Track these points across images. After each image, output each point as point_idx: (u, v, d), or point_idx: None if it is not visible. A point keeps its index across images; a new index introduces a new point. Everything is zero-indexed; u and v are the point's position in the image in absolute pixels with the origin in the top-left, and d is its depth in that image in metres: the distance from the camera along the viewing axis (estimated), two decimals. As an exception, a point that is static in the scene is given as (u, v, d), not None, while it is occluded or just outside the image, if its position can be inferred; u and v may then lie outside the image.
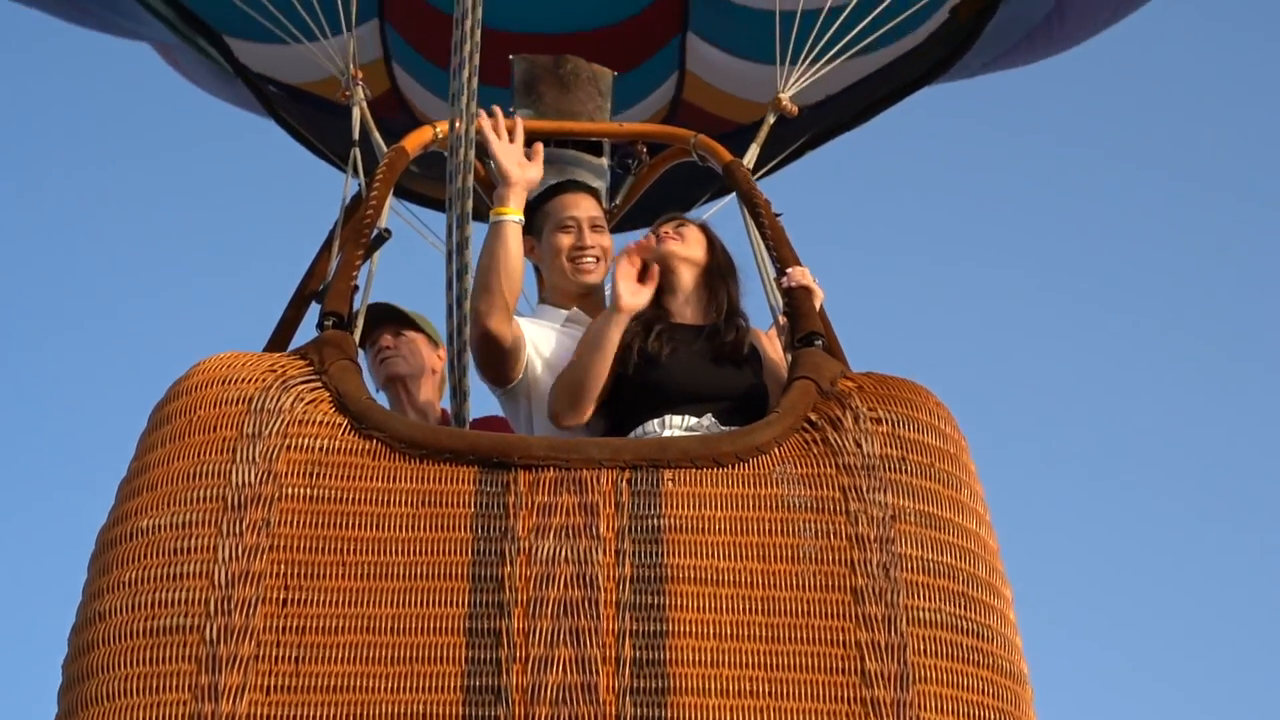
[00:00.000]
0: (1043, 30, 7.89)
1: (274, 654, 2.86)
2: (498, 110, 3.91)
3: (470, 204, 3.45)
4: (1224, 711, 12.49)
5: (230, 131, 9.09)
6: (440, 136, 4.02)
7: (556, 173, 4.13)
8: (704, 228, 3.86)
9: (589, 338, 3.61)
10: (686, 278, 3.75)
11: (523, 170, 3.83)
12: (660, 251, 3.73)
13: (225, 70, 5.91)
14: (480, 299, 3.60)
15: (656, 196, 4.59)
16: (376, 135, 4.18)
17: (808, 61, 4.31)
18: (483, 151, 3.87)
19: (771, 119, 4.36)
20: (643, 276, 3.65)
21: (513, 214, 3.75)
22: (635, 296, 3.60)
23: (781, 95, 4.34)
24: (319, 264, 3.68)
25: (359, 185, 3.79)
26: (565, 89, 4.27)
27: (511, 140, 3.88)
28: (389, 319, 4.23)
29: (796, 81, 4.31)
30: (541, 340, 3.78)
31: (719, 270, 3.76)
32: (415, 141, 4.01)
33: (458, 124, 3.39)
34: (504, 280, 3.65)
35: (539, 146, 3.94)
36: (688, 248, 3.76)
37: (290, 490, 3.03)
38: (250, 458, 3.06)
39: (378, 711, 2.82)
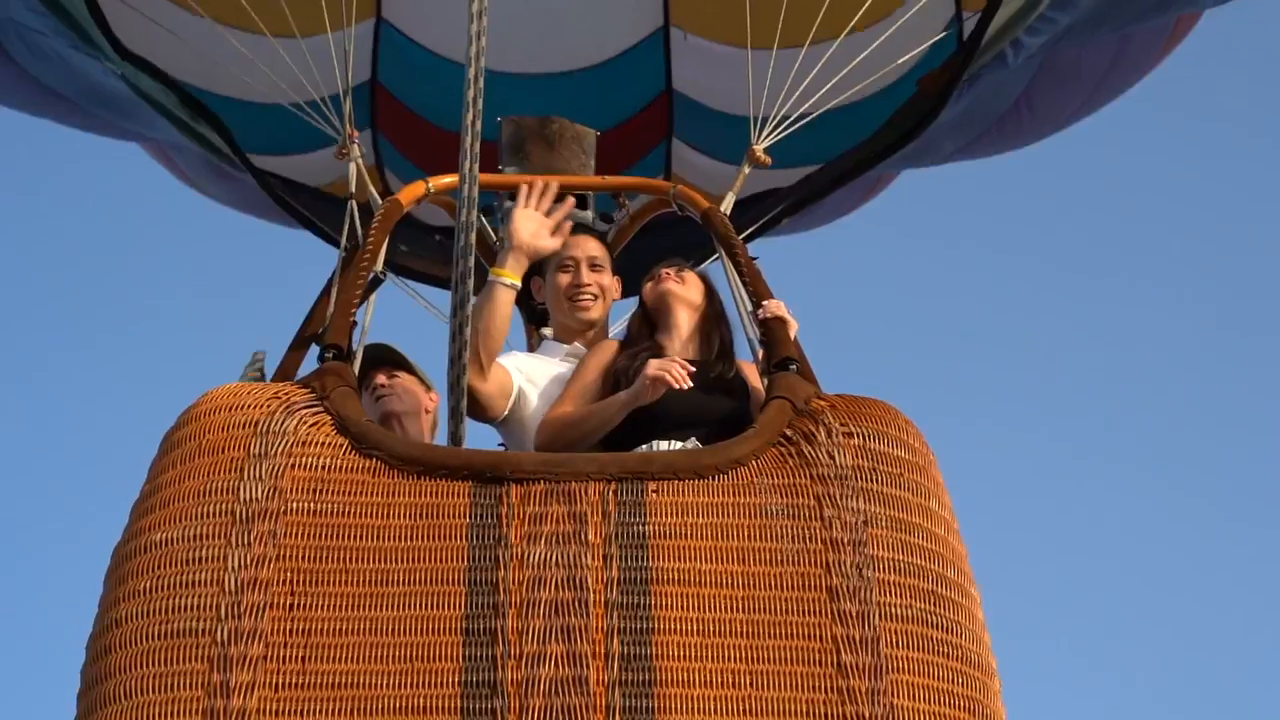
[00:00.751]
0: (1012, 116, 8.16)
1: (281, 654, 3.03)
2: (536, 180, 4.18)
3: (472, 261, 3.69)
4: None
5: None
6: (432, 191, 4.26)
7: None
8: (703, 276, 4.11)
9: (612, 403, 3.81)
10: (684, 319, 4.01)
11: (533, 239, 4.04)
12: (660, 291, 3.97)
13: (223, 163, 6.20)
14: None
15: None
16: (373, 190, 4.41)
17: (778, 117, 4.55)
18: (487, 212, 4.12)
19: (747, 169, 4.61)
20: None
21: (508, 277, 3.97)
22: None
23: (756, 147, 4.58)
24: (319, 307, 3.89)
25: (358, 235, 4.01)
26: (551, 147, 4.51)
27: (540, 203, 4.10)
28: (384, 361, 4.42)
29: (770, 135, 4.55)
30: (538, 374, 3.99)
31: (714, 314, 4.01)
32: (409, 194, 4.25)
33: (465, 185, 3.64)
34: (483, 339, 3.84)
35: (567, 225, 4.17)
36: (687, 290, 4.01)
37: (295, 505, 3.21)
38: (257, 475, 3.24)
39: (381, 705, 2.99)
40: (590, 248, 4.22)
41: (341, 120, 4.35)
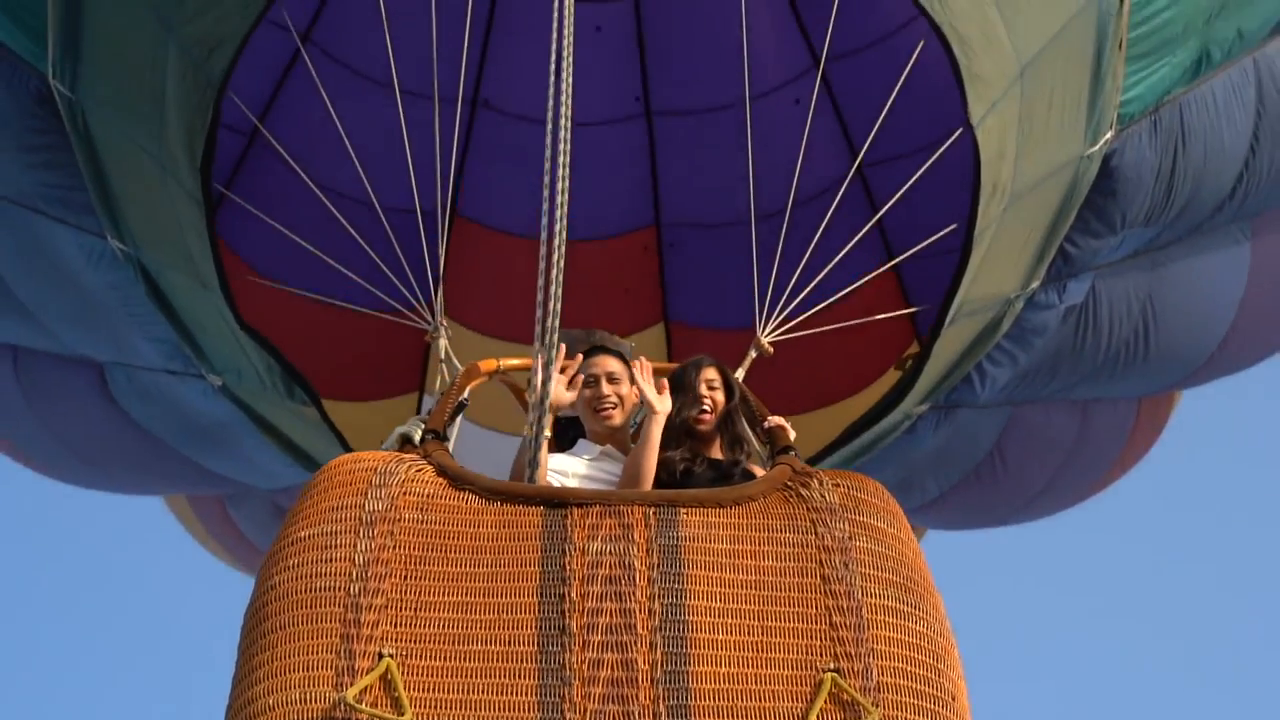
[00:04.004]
0: (988, 465, 9.23)
1: (398, 604, 3.92)
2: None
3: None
4: None
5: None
6: (501, 369, 5.38)
7: (585, 335, 5.43)
8: (727, 384, 5.17)
9: (644, 443, 4.87)
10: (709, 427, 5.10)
11: (555, 399, 5.06)
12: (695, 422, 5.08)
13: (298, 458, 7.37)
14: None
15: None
16: (455, 361, 5.53)
17: (781, 317, 5.69)
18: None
19: (753, 354, 5.71)
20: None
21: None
22: (660, 402, 4.88)
23: (761, 337, 5.70)
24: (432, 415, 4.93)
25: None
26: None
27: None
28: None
29: (771, 331, 5.67)
30: (569, 468, 4.96)
31: (731, 428, 5.10)
32: (486, 365, 5.37)
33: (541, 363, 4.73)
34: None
35: (579, 379, 5.23)
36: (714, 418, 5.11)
37: (406, 515, 4.15)
38: (377, 496, 4.19)
39: (474, 641, 3.87)
40: (609, 365, 5.25)
41: (433, 313, 5.52)
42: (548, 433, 4.95)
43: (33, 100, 6.93)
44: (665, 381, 5.01)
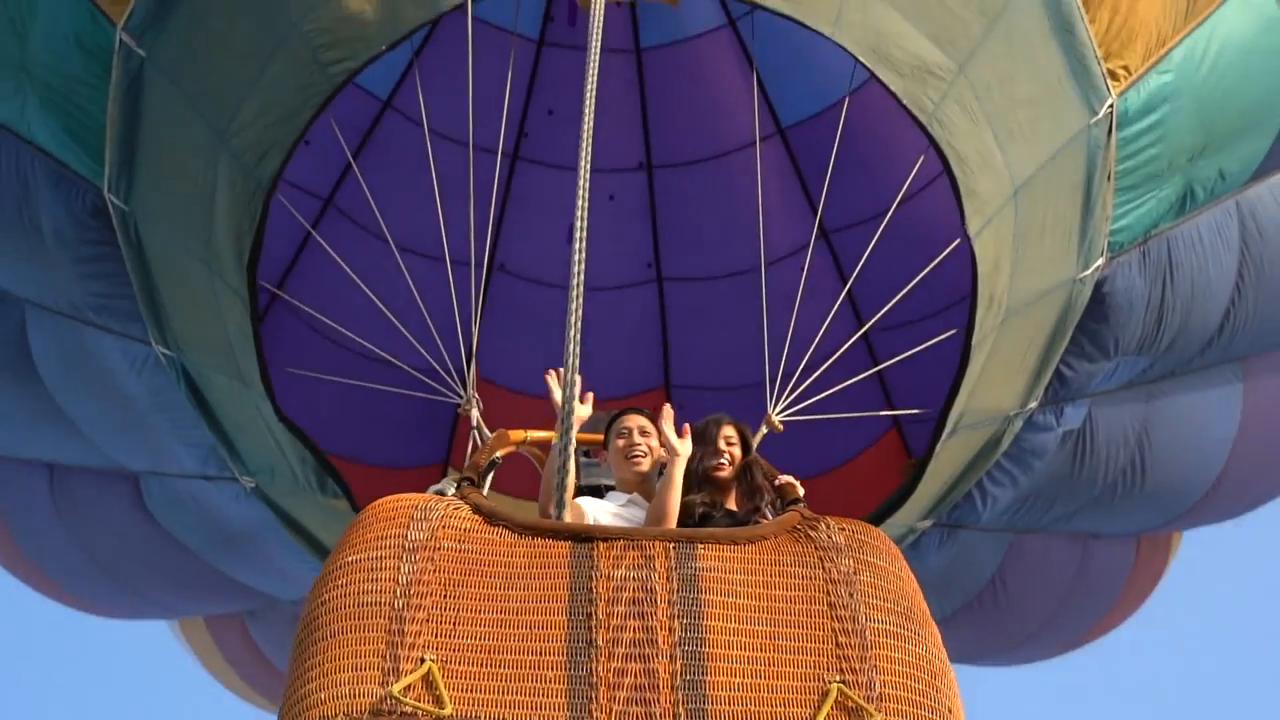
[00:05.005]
0: (989, 593, 9.50)
1: (438, 618, 4.24)
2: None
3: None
4: None
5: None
6: (528, 440, 5.77)
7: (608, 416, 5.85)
8: (741, 434, 5.55)
9: (667, 483, 5.26)
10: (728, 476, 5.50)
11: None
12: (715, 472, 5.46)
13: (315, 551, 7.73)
14: None
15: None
16: (486, 430, 5.91)
17: (791, 396, 6.08)
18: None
19: (765, 430, 6.07)
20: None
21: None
22: (682, 445, 5.26)
23: (771, 415, 6.07)
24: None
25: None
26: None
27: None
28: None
29: (781, 411, 6.06)
30: (598, 511, 5.31)
31: (749, 478, 5.43)
32: (516, 434, 5.75)
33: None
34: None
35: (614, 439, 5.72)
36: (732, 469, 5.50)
37: (446, 544, 4.49)
38: (419, 528, 4.54)
39: (507, 650, 4.18)
40: (640, 420, 5.74)
41: (464, 386, 5.93)
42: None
43: (88, 214, 7.42)
44: (687, 426, 5.39)
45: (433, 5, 6.25)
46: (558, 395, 5.33)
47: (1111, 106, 7.23)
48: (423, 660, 4.10)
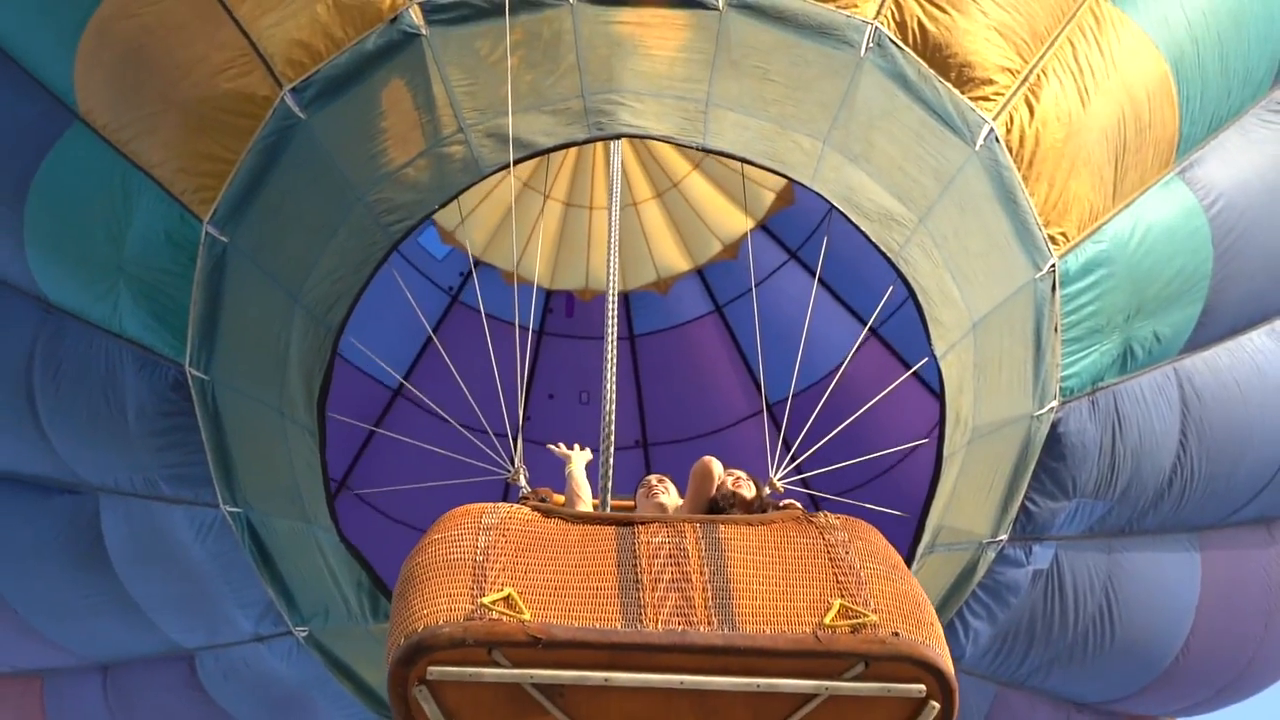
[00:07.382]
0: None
1: (512, 568, 5.22)
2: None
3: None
4: None
5: None
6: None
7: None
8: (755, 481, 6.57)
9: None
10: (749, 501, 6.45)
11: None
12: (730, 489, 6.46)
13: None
14: None
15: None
16: (525, 484, 7.00)
17: (789, 458, 7.10)
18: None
19: (766, 490, 7.03)
20: None
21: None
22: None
23: (773, 478, 7.05)
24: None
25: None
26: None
27: None
28: None
29: (780, 475, 7.05)
30: None
31: (759, 498, 6.44)
32: (555, 499, 6.76)
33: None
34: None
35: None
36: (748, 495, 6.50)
37: (513, 527, 5.51)
38: (491, 518, 5.55)
39: (570, 598, 5.14)
40: (656, 476, 6.94)
41: (512, 459, 6.96)
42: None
43: (169, 388, 8.36)
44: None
45: (475, 171, 7.41)
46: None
47: (1054, 266, 8.28)
48: (503, 589, 5.07)
